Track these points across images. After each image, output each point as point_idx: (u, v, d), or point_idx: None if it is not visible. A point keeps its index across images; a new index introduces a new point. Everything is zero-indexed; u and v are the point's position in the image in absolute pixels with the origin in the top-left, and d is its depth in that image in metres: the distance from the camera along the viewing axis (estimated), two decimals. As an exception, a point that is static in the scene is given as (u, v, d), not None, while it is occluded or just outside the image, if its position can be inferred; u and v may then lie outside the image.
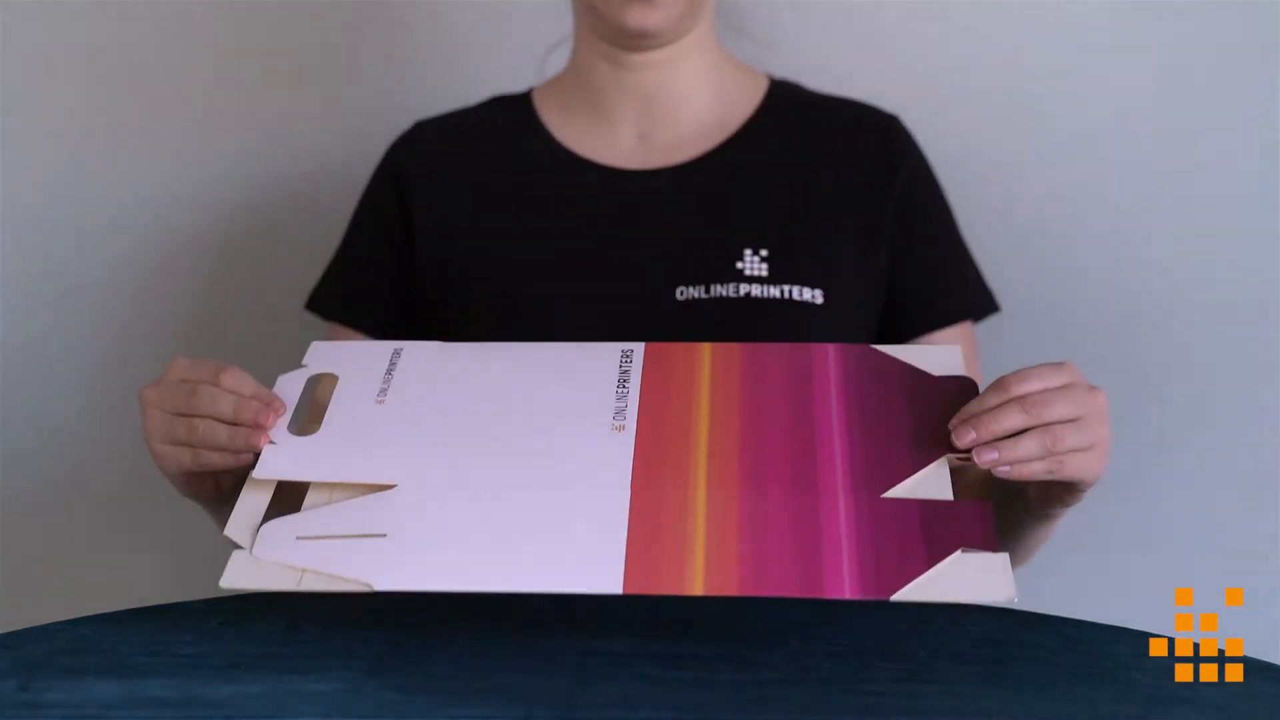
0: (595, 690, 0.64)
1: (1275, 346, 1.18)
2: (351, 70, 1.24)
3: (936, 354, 0.80)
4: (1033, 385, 0.73)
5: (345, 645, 0.71)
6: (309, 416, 0.80)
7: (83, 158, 1.25)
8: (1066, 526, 1.21)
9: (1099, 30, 1.18)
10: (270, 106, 1.24)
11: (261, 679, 0.65)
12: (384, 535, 0.71)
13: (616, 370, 0.80)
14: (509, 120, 1.06)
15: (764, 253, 0.98)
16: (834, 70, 1.13)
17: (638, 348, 0.81)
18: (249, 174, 1.25)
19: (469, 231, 1.02)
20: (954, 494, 0.71)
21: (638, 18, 0.95)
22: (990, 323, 1.15)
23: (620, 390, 0.79)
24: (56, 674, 0.66)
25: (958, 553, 0.67)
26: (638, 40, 0.98)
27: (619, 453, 0.74)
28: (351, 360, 0.83)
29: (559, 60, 1.10)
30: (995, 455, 0.71)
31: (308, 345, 0.86)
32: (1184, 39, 1.18)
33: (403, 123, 1.07)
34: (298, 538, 0.71)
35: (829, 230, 1.00)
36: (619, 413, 0.77)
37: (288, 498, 0.75)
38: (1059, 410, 0.72)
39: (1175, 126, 1.18)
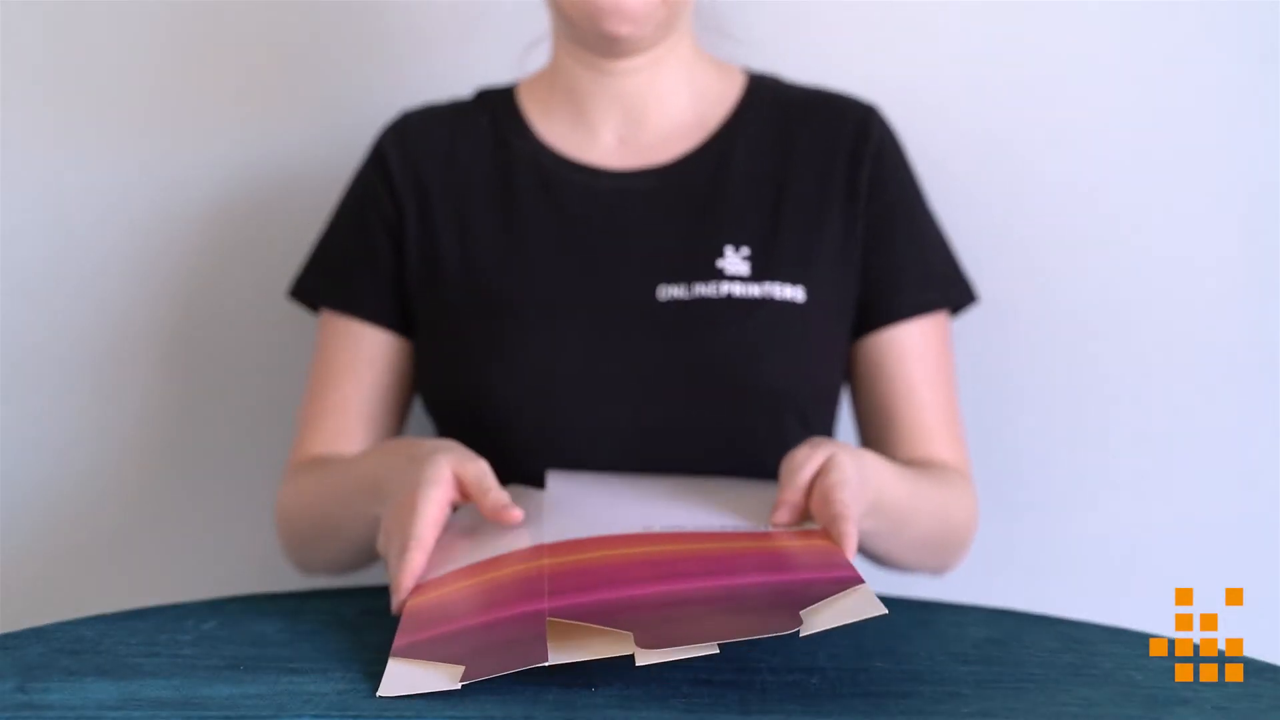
0: (595, 690, 0.64)
1: (1275, 346, 1.18)
2: (332, 66, 1.24)
3: None
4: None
5: (345, 645, 0.71)
6: None
7: (69, 157, 1.25)
8: (1066, 526, 1.22)
9: (1090, 24, 1.18)
10: (250, 103, 1.24)
11: (261, 679, 0.65)
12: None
13: None
14: (495, 116, 1.06)
15: (745, 251, 0.98)
16: (814, 69, 1.13)
17: None
18: (232, 171, 1.24)
19: (454, 227, 1.01)
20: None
21: (613, 23, 0.94)
22: (988, 322, 1.14)
23: None
24: (56, 674, 0.66)
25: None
26: (615, 44, 0.98)
27: None
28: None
29: (537, 57, 1.09)
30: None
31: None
32: (1176, 36, 1.18)
33: (381, 119, 1.07)
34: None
35: (809, 226, 1.00)
36: None
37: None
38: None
39: (1174, 123, 1.18)
